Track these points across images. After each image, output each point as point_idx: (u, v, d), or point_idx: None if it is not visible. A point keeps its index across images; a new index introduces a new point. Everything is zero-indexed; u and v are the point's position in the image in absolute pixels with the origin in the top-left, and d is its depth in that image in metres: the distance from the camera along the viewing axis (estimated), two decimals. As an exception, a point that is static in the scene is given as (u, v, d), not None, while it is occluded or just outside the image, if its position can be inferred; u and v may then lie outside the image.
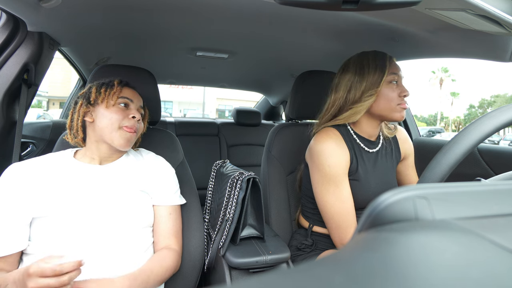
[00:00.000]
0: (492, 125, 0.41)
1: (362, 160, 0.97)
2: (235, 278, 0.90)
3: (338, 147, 0.92)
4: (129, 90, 0.91)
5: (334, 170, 0.90)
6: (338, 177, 0.91)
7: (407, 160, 1.10)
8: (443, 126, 39.58)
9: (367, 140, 1.00)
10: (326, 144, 0.92)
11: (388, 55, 0.96)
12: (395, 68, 0.94)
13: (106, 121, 0.83)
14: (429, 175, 0.42)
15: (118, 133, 0.83)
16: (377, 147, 1.01)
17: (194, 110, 22.06)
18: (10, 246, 0.73)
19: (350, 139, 0.97)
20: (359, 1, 0.57)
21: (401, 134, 1.10)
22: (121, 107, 0.86)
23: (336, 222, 0.92)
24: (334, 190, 0.91)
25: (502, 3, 0.64)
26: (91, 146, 0.86)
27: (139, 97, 0.93)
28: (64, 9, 0.94)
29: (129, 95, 0.89)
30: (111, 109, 0.84)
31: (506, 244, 0.19)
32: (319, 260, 0.18)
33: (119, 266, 0.77)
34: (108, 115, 0.83)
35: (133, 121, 0.86)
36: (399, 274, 0.16)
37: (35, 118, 7.54)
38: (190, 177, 1.10)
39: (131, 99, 0.89)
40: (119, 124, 0.84)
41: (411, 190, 0.24)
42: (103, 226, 0.78)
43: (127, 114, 0.86)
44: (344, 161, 0.92)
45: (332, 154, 0.91)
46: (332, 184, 0.91)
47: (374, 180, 0.96)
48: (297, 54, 1.55)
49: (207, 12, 1.07)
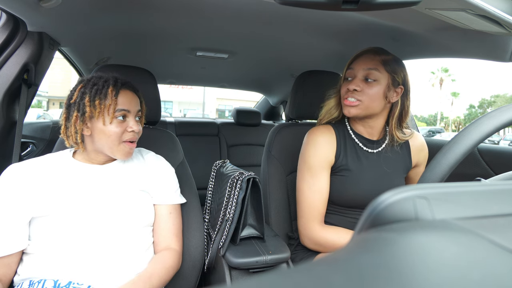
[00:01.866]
0: (492, 125, 0.41)
1: (357, 157, 0.97)
2: (235, 278, 0.90)
3: (324, 141, 0.96)
4: (125, 95, 0.83)
5: (313, 160, 0.96)
6: (316, 168, 0.95)
7: (418, 168, 1.05)
8: (443, 126, 39.59)
9: (366, 139, 0.99)
10: (312, 137, 0.98)
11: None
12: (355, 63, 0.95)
13: (105, 138, 0.79)
14: (429, 175, 0.42)
15: (119, 147, 0.81)
16: (379, 148, 0.99)
17: (194, 110, 22.06)
18: (9, 246, 0.73)
19: (345, 136, 0.99)
20: (359, 1, 0.57)
21: (415, 141, 1.03)
22: (119, 120, 0.81)
23: (302, 210, 0.97)
24: (308, 180, 0.96)
25: (502, 3, 0.64)
26: (90, 152, 0.85)
27: (136, 101, 0.86)
28: (64, 9, 0.94)
29: (125, 104, 0.82)
30: (108, 125, 0.79)
31: (506, 244, 0.19)
32: (319, 260, 0.18)
33: (119, 266, 0.77)
34: (106, 132, 0.79)
35: (132, 134, 0.83)
36: (399, 274, 0.16)
37: (35, 118, 7.55)
38: (190, 177, 1.10)
39: (128, 109, 0.82)
40: (119, 140, 0.81)
41: (411, 190, 0.24)
42: (103, 225, 0.78)
43: (125, 127, 0.81)
44: (325, 155, 0.96)
45: (315, 145, 0.96)
46: (309, 173, 0.96)
47: (368, 180, 0.95)
48: (297, 54, 1.56)
49: (207, 12, 1.07)
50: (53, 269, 0.73)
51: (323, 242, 0.94)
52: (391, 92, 0.93)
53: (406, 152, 1.02)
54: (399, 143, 0.99)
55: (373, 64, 0.91)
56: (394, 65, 0.93)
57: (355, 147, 0.98)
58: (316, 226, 0.95)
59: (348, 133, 0.99)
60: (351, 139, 0.99)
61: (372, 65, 0.91)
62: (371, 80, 0.91)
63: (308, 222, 0.96)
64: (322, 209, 0.96)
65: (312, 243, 0.96)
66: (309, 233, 0.96)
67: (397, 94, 0.94)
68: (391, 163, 0.98)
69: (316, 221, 0.95)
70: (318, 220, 0.96)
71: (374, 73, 0.91)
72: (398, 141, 0.98)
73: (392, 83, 0.92)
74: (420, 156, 1.04)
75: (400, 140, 0.97)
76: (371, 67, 0.91)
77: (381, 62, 0.92)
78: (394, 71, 0.92)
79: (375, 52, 0.94)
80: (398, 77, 0.92)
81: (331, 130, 0.99)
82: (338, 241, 0.92)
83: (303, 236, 0.98)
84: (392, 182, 0.97)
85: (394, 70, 0.92)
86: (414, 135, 1.03)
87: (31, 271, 0.74)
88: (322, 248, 0.95)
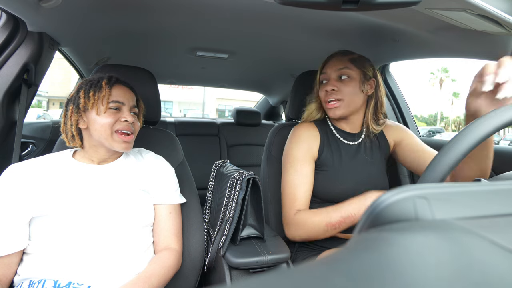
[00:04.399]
0: (492, 125, 0.41)
1: (339, 151, 1.03)
2: (235, 278, 0.90)
3: (307, 136, 1.02)
4: (120, 89, 0.85)
5: (296, 152, 1.00)
6: (299, 160, 0.99)
7: (401, 144, 1.06)
8: (443, 126, 39.57)
9: (346, 133, 1.05)
10: (296, 132, 1.04)
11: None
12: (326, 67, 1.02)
13: (99, 127, 0.81)
14: (429, 175, 0.42)
15: (113, 137, 0.81)
16: (359, 140, 1.05)
17: (194, 110, 22.06)
18: (9, 245, 0.73)
19: (326, 131, 1.05)
20: (359, 1, 0.57)
21: (387, 126, 1.10)
22: (113, 111, 0.82)
23: (284, 200, 1.00)
24: (292, 172, 0.99)
25: (502, 3, 0.64)
26: (89, 149, 0.85)
27: (131, 95, 0.88)
28: (64, 9, 0.94)
29: (119, 97, 0.84)
30: (102, 115, 0.81)
31: (506, 244, 0.19)
32: (319, 260, 0.18)
33: (119, 266, 0.77)
34: (100, 121, 0.80)
35: (125, 124, 0.83)
36: (399, 274, 0.16)
37: (35, 118, 7.55)
38: (190, 177, 1.10)
39: (122, 101, 0.84)
40: (111, 129, 0.81)
41: (411, 190, 0.24)
42: (103, 225, 0.78)
43: (119, 117, 0.82)
44: (308, 147, 1.00)
45: (299, 139, 1.02)
46: (292, 166, 1.00)
47: (352, 170, 1.00)
48: (297, 54, 1.56)
49: (207, 12, 1.07)
50: (53, 269, 0.73)
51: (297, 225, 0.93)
52: (365, 85, 1.00)
53: (382, 138, 1.08)
54: (374, 134, 1.06)
55: (343, 63, 0.99)
56: (361, 62, 1.01)
57: (337, 142, 1.04)
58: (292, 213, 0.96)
59: (329, 129, 1.06)
60: (333, 134, 1.05)
61: (342, 64, 0.99)
62: (344, 77, 0.98)
63: (290, 210, 0.97)
64: (304, 200, 0.97)
65: (292, 230, 0.95)
66: (288, 221, 0.97)
67: (371, 86, 1.02)
68: (370, 153, 1.05)
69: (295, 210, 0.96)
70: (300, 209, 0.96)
71: (346, 71, 0.98)
72: (374, 132, 1.05)
73: (364, 77, 1.00)
74: (394, 134, 1.09)
75: (375, 130, 1.04)
76: (342, 67, 0.99)
77: (349, 61, 1.00)
78: (363, 66, 1.00)
79: (342, 53, 1.03)
80: (368, 71, 1.01)
81: (314, 127, 1.05)
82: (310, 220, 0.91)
83: (284, 226, 0.99)
84: (377, 172, 1.03)
85: (363, 65, 1.00)
86: (386, 123, 1.10)
87: (31, 271, 0.74)
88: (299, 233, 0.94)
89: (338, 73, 0.99)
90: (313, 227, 0.90)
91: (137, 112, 0.90)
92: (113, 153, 0.88)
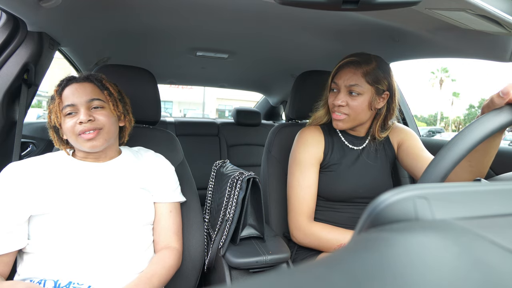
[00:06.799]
0: (492, 125, 0.41)
1: (344, 154, 1.03)
2: (235, 278, 0.90)
3: (313, 140, 1.02)
4: (70, 88, 0.82)
5: (302, 156, 1.01)
6: (305, 164, 1.00)
7: (402, 146, 1.04)
8: (443, 126, 39.57)
9: (352, 136, 1.05)
10: (302, 136, 1.05)
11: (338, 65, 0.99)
12: (338, 77, 0.97)
13: (66, 133, 0.82)
14: (429, 175, 0.42)
15: (78, 140, 0.80)
16: (363, 144, 1.05)
17: (194, 110, 22.05)
18: (8, 244, 0.73)
19: (332, 135, 1.05)
20: (359, 1, 0.57)
21: (392, 130, 1.07)
22: (69, 116, 0.81)
23: (292, 204, 1.01)
24: (298, 176, 1.00)
25: (502, 3, 0.64)
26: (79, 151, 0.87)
27: (82, 90, 0.82)
28: (64, 9, 0.94)
29: (69, 99, 0.80)
30: (63, 122, 0.82)
31: (506, 244, 0.19)
32: (319, 260, 0.18)
33: (120, 265, 0.77)
34: (64, 129, 0.82)
35: (82, 125, 0.79)
36: (399, 274, 0.16)
37: (35, 118, 7.55)
38: (190, 177, 1.10)
39: (72, 103, 0.80)
40: (74, 133, 0.80)
41: (411, 190, 0.24)
42: (103, 223, 0.78)
43: (76, 120, 0.80)
44: (314, 152, 1.01)
45: (305, 143, 1.02)
46: (298, 169, 1.01)
47: (355, 174, 1.01)
48: (297, 54, 1.55)
49: (207, 12, 1.07)
50: (53, 269, 0.73)
51: (310, 235, 0.96)
52: (376, 101, 0.96)
53: (387, 142, 1.07)
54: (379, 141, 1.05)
55: (355, 79, 0.93)
56: (376, 75, 0.93)
57: (342, 145, 1.04)
58: (305, 219, 0.98)
59: (335, 133, 1.06)
60: (339, 137, 1.05)
61: (354, 81, 0.93)
62: (355, 93, 0.94)
63: (297, 216, 0.99)
64: (311, 203, 1.00)
65: (302, 236, 0.98)
66: (299, 226, 0.99)
67: (383, 99, 0.97)
68: (374, 156, 1.04)
69: (305, 215, 0.99)
70: (307, 214, 0.99)
71: (357, 89, 0.93)
72: (379, 139, 1.04)
73: (377, 93, 0.94)
74: (398, 136, 1.07)
75: (380, 138, 1.03)
76: (353, 83, 0.93)
77: (362, 76, 0.93)
78: (377, 81, 0.93)
79: (356, 64, 0.94)
80: (382, 86, 0.94)
81: (319, 130, 1.06)
82: (324, 235, 0.94)
83: (293, 229, 1.01)
84: (378, 173, 1.03)
85: (377, 80, 0.93)
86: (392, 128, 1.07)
87: (31, 271, 0.74)
88: (309, 241, 0.98)
89: (349, 88, 0.94)
90: (326, 242, 0.94)
91: (101, 103, 0.83)
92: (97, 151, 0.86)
